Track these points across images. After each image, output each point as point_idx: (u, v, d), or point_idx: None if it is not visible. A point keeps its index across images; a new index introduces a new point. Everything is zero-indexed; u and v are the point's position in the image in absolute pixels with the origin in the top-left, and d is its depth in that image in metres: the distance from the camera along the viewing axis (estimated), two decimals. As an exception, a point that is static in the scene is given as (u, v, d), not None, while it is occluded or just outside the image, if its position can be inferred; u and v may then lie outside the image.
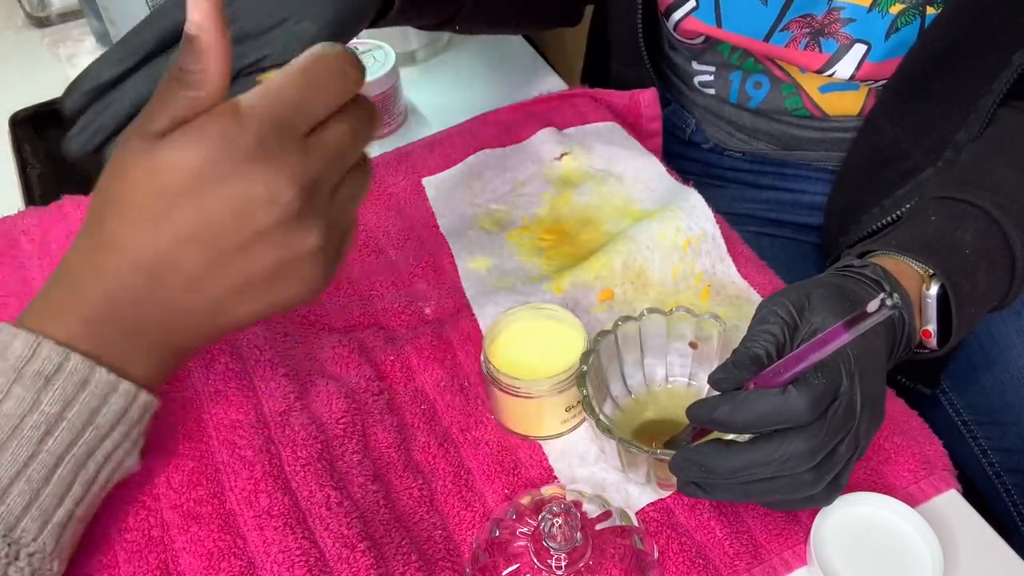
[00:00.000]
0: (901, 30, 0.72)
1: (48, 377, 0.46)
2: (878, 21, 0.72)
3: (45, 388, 0.46)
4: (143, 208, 0.44)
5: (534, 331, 0.60)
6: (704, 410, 0.49)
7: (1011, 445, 0.78)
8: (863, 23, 0.73)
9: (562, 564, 0.48)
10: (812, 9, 0.74)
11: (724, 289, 0.68)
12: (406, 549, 0.52)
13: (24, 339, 0.46)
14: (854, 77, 0.75)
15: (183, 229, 0.44)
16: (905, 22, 0.72)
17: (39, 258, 0.66)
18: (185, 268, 0.45)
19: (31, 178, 0.84)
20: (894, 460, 0.57)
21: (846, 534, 0.51)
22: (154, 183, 0.44)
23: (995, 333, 0.79)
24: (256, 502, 0.52)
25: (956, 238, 0.61)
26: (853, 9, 0.73)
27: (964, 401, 0.82)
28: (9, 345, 0.46)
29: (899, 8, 0.71)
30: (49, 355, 0.46)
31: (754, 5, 0.76)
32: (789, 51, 0.77)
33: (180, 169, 0.43)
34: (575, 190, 0.77)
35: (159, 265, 0.45)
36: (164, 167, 0.43)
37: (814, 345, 0.44)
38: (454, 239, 0.73)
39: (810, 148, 0.88)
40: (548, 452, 0.59)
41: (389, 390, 0.62)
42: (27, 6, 1.09)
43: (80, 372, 0.46)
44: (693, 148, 0.95)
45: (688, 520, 0.55)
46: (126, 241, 0.45)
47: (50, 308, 0.48)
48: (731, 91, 0.87)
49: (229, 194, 0.43)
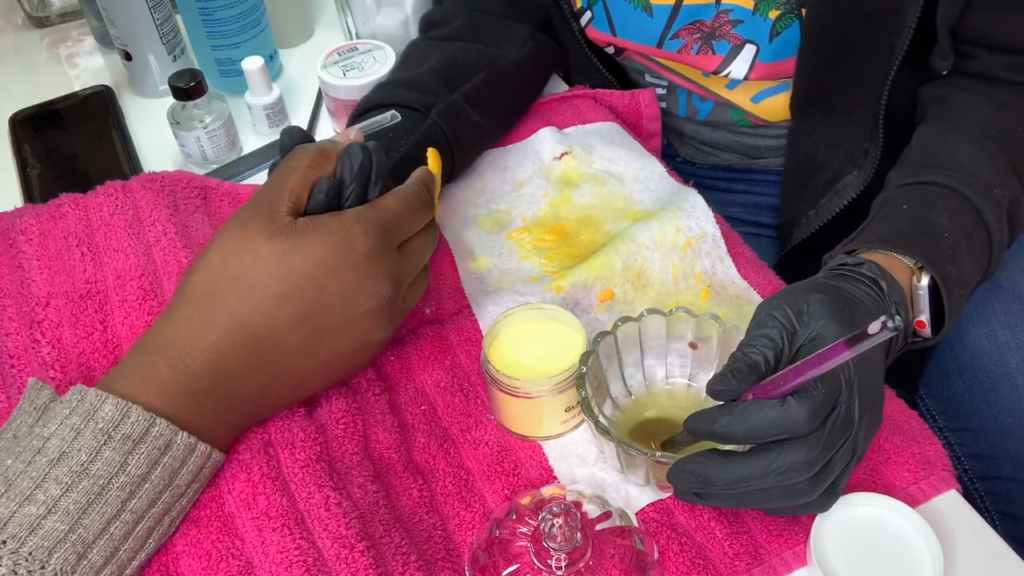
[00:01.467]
0: (782, 33, 0.74)
1: (136, 440, 0.48)
2: (761, 24, 0.75)
3: (133, 451, 0.48)
4: (267, 287, 0.50)
5: (534, 331, 0.60)
6: (703, 423, 0.48)
7: (980, 451, 0.79)
8: (750, 24, 0.75)
9: (562, 564, 0.48)
10: (700, 15, 0.77)
11: (724, 289, 0.68)
12: (406, 549, 0.52)
13: (114, 403, 0.48)
14: (748, 77, 0.77)
15: (298, 309, 0.51)
16: (785, 25, 0.74)
17: (38, 259, 0.66)
18: (288, 345, 0.52)
19: (31, 178, 0.84)
20: (894, 460, 0.57)
21: (846, 534, 0.51)
22: (283, 266, 0.50)
23: (966, 339, 0.80)
24: (255, 504, 0.52)
25: (933, 223, 0.62)
26: (740, 11, 0.75)
27: (939, 407, 0.83)
28: (99, 408, 0.48)
29: (776, 13, 0.74)
30: (137, 419, 0.48)
31: (641, 16, 0.78)
32: (683, 56, 0.79)
33: (308, 254, 0.51)
34: (575, 191, 0.77)
35: (270, 341, 0.51)
36: (294, 251, 0.50)
37: (814, 360, 0.43)
38: (454, 239, 0.73)
39: (772, 155, 0.91)
40: (548, 452, 0.59)
41: (389, 390, 0.62)
42: (27, 6, 1.09)
43: (165, 436, 0.49)
44: (667, 159, 0.97)
45: (688, 520, 0.55)
46: (244, 317, 0.51)
47: (148, 376, 0.50)
48: (679, 105, 0.89)
49: (342, 284, 0.51)
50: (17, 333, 0.62)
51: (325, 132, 0.89)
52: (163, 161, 0.86)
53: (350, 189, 0.54)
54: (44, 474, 0.46)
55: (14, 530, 0.45)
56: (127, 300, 0.62)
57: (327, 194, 0.53)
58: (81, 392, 0.49)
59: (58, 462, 0.46)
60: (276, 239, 0.51)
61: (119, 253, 0.65)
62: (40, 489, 0.46)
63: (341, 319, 0.52)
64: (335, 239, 0.51)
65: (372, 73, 0.83)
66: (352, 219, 0.52)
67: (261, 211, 0.52)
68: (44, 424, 0.48)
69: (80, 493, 0.46)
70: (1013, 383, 0.77)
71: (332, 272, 0.51)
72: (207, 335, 0.50)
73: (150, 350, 0.51)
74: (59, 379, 0.59)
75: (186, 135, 0.83)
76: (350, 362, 0.56)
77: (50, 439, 0.47)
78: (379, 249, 0.52)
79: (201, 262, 0.52)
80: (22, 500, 0.45)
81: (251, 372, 0.52)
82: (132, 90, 0.96)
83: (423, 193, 0.57)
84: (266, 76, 0.86)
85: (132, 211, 0.69)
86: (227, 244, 0.52)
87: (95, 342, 0.61)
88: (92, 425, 0.47)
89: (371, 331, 0.54)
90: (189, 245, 0.66)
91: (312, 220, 0.52)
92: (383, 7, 0.93)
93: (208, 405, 0.51)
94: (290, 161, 0.54)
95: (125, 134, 0.89)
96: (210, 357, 0.50)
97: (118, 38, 0.91)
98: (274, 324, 0.51)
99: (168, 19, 0.92)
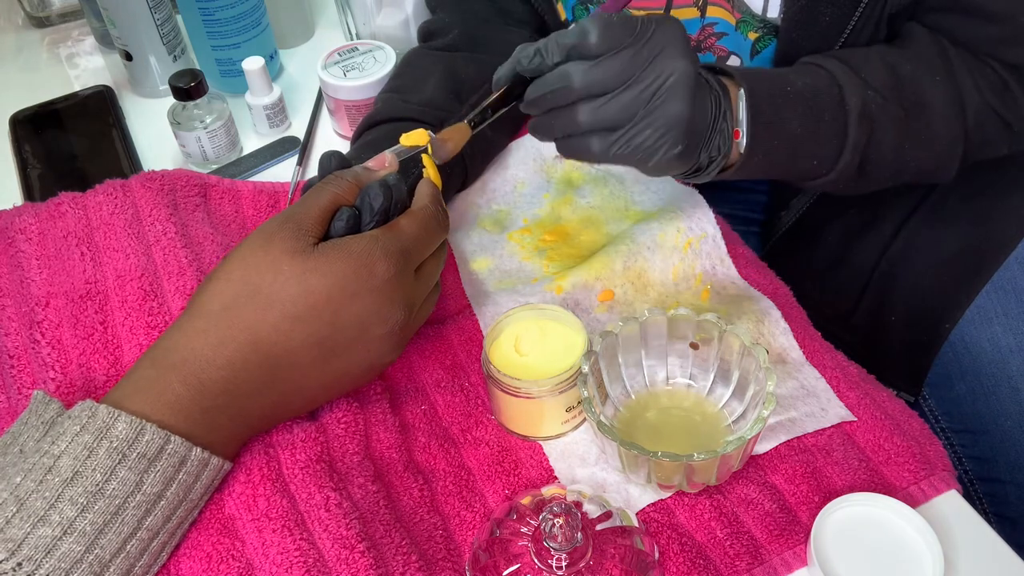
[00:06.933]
0: (761, 52, 0.76)
1: (151, 459, 0.48)
2: (743, 41, 0.76)
3: (148, 470, 0.48)
4: (285, 305, 0.50)
5: (535, 332, 0.60)
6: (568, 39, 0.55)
7: (981, 453, 0.79)
8: (733, 39, 0.77)
9: (563, 564, 0.48)
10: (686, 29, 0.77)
11: (724, 290, 0.68)
12: (406, 549, 0.52)
13: (127, 421, 0.48)
14: None
15: (314, 330, 0.51)
16: (763, 45, 0.76)
17: (38, 259, 0.66)
18: (301, 365, 0.52)
19: (31, 178, 0.84)
20: (894, 460, 0.57)
21: (846, 534, 0.51)
22: (303, 285, 0.51)
23: (968, 342, 0.80)
24: (255, 505, 0.52)
25: (782, 75, 0.64)
26: (724, 24, 0.76)
27: (941, 409, 0.83)
28: (112, 426, 0.47)
29: (755, 36, 0.75)
30: (152, 438, 0.48)
31: None
32: None
33: (329, 275, 0.51)
34: (576, 191, 0.77)
35: (284, 360, 0.51)
36: (315, 272, 0.51)
37: None
38: (455, 239, 0.73)
39: None
40: (548, 452, 0.59)
41: (390, 390, 0.62)
42: (27, 6, 1.09)
43: (179, 453, 0.49)
44: None
45: (688, 520, 0.55)
46: (261, 335, 0.51)
47: (162, 393, 0.50)
48: None
49: (359, 308, 0.52)
50: (17, 333, 0.62)
51: (325, 132, 0.89)
52: (163, 161, 0.86)
53: (368, 226, 0.55)
54: (58, 494, 0.45)
55: (29, 552, 0.44)
56: (127, 300, 0.62)
57: (346, 223, 0.54)
58: (91, 408, 0.48)
59: (72, 482, 0.46)
60: (298, 257, 0.51)
61: (119, 253, 0.65)
62: (55, 510, 0.45)
63: (354, 341, 0.53)
64: (356, 263, 0.51)
65: (372, 73, 0.83)
66: (372, 243, 0.53)
67: (289, 228, 0.52)
68: (53, 441, 0.47)
69: (96, 514, 0.46)
70: (1014, 386, 0.77)
71: (351, 296, 0.51)
72: (222, 351, 0.50)
73: (163, 365, 0.50)
74: (59, 380, 0.59)
75: (186, 135, 0.83)
76: (356, 381, 0.56)
77: (61, 457, 0.46)
78: (399, 275, 0.53)
79: (220, 273, 0.52)
80: (36, 521, 0.45)
81: (264, 390, 0.52)
82: (132, 90, 0.96)
83: (439, 215, 0.57)
84: (266, 76, 0.86)
85: (132, 210, 0.69)
86: (250, 257, 0.52)
87: (95, 342, 0.61)
88: (106, 443, 0.47)
89: (381, 355, 0.55)
90: (189, 244, 0.66)
91: (334, 243, 0.52)
92: (383, 7, 0.93)
93: (220, 421, 0.51)
94: (325, 184, 0.55)
95: (125, 134, 0.89)
96: (224, 375, 0.50)
97: (118, 38, 0.91)
98: (290, 344, 0.51)
99: (168, 19, 0.92)
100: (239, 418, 0.52)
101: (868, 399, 0.61)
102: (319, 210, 0.53)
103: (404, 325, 0.54)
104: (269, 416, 0.54)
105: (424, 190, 0.58)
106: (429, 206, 0.57)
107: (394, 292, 0.53)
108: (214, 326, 0.51)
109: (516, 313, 0.60)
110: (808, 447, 0.58)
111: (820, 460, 0.57)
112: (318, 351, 0.52)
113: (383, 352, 0.55)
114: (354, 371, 0.55)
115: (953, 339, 0.81)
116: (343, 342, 0.52)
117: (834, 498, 0.52)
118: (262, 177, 0.84)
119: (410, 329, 0.56)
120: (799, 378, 0.62)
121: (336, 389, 0.56)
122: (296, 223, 0.52)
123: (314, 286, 0.51)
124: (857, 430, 0.59)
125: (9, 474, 0.46)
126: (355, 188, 0.55)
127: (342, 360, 0.53)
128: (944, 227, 0.80)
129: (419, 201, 0.57)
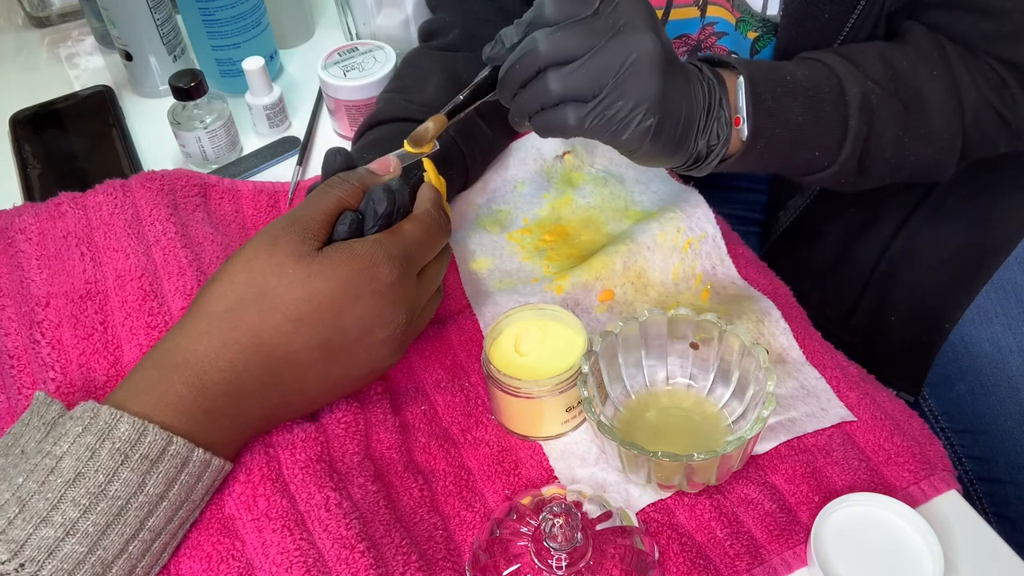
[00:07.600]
0: (761, 52, 0.76)
1: (153, 460, 0.48)
2: (742, 40, 0.76)
3: (151, 471, 0.48)
4: (289, 308, 0.51)
5: (535, 332, 0.60)
6: None
7: (981, 453, 0.79)
8: (733, 38, 0.77)
9: (563, 564, 0.48)
10: (687, 29, 0.78)
11: (724, 290, 0.68)
12: (406, 549, 0.52)
13: (130, 422, 0.47)
14: None
15: (316, 333, 0.51)
16: (763, 44, 0.76)
17: (37, 259, 0.66)
18: (302, 367, 0.52)
19: (31, 178, 0.84)
20: (894, 460, 0.57)
21: (846, 534, 0.51)
22: (307, 289, 0.51)
23: (968, 342, 0.80)
24: (255, 505, 0.52)
25: (781, 66, 0.64)
26: (724, 23, 0.76)
27: (941, 408, 0.83)
28: (114, 427, 0.47)
29: (754, 35, 0.75)
30: (155, 439, 0.48)
31: None
32: None
33: (332, 279, 0.51)
34: (576, 191, 0.77)
35: (286, 363, 0.51)
36: (319, 275, 0.51)
37: None
38: (455, 239, 0.73)
39: None
40: (548, 452, 0.59)
41: (390, 390, 0.62)
42: (27, 6, 1.09)
43: (182, 454, 0.49)
44: None
45: (688, 520, 0.55)
46: (263, 338, 0.51)
47: (164, 394, 0.50)
48: None
49: (362, 311, 0.52)
50: (17, 333, 0.62)
51: (325, 132, 0.89)
52: (163, 161, 0.86)
53: (372, 231, 0.55)
54: (60, 495, 0.45)
55: (32, 553, 0.44)
56: (127, 300, 0.62)
57: (349, 227, 0.54)
58: (93, 409, 0.48)
59: (74, 483, 0.46)
60: (303, 260, 0.51)
61: (119, 253, 0.65)
62: (57, 511, 0.45)
63: (356, 344, 0.53)
64: (360, 267, 0.52)
65: (373, 73, 0.83)
66: (376, 247, 0.53)
67: (294, 232, 0.52)
68: (56, 441, 0.47)
69: (99, 515, 0.46)
70: (1014, 386, 0.77)
71: (354, 299, 0.52)
72: (224, 353, 0.50)
73: (166, 366, 0.50)
74: (59, 380, 0.59)
75: (186, 135, 0.83)
76: (357, 384, 0.57)
77: (63, 458, 0.46)
78: (402, 279, 0.53)
79: (224, 275, 0.52)
80: (38, 522, 0.45)
81: (265, 392, 0.52)
82: (132, 90, 0.96)
83: (442, 219, 0.57)
84: (266, 76, 0.86)
85: (132, 210, 0.69)
86: (254, 260, 0.52)
87: (95, 342, 0.61)
88: (108, 444, 0.47)
89: (383, 358, 0.55)
90: (189, 244, 0.66)
91: (338, 247, 0.52)
92: (383, 7, 0.93)
93: (222, 422, 0.51)
94: (329, 187, 0.55)
95: (125, 134, 0.89)
96: (227, 376, 0.50)
97: (118, 38, 0.91)
98: (292, 347, 0.51)
99: (168, 19, 0.92)
100: (240, 419, 0.52)
101: (868, 399, 0.61)
102: (323, 214, 0.53)
103: (406, 329, 0.55)
104: (270, 417, 0.54)
105: (426, 194, 0.58)
106: (431, 210, 0.57)
107: (397, 296, 0.53)
108: (217, 328, 0.51)
109: (516, 313, 0.60)
110: (808, 447, 0.58)
111: (820, 460, 0.57)
112: (320, 354, 0.52)
113: (384, 355, 0.55)
114: (355, 374, 0.55)
115: (953, 339, 0.81)
116: (345, 345, 0.53)
117: (834, 498, 0.52)
118: (262, 177, 0.84)
119: (412, 333, 0.56)
120: (799, 378, 0.62)
121: (337, 391, 0.56)
122: (301, 226, 0.52)
123: (318, 289, 0.51)
124: (857, 430, 0.59)
125: (11, 475, 0.46)
126: (359, 192, 0.56)
127: (344, 363, 0.53)
128: (944, 227, 0.80)
129: (421, 205, 0.57)
